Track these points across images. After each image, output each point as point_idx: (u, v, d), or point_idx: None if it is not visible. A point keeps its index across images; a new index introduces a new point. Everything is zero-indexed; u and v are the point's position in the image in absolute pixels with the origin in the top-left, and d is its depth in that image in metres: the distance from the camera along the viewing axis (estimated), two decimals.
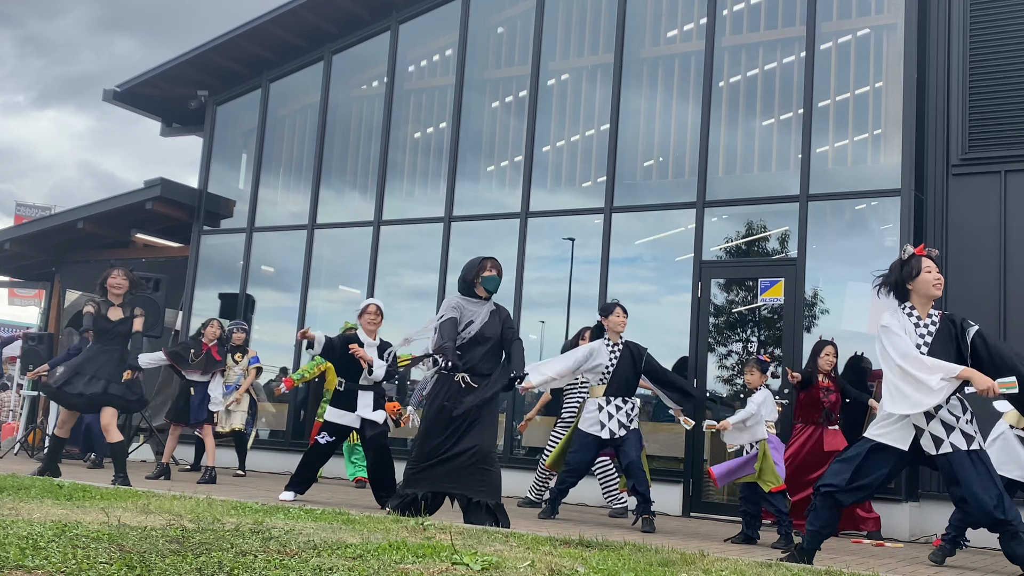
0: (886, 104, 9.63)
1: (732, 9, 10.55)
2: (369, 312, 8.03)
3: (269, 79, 13.49)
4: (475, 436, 6.27)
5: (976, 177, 9.18)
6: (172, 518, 4.50)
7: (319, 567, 3.26)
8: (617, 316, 7.93)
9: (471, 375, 6.33)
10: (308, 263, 12.64)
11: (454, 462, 6.26)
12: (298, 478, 7.91)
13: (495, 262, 6.64)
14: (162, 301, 11.88)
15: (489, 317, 6.50)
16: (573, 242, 11.04)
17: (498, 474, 6.33)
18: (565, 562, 3.79)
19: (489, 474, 6.26)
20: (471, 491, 6.22)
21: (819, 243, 9.64)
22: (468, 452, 6.24)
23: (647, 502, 7.62)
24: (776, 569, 4.27)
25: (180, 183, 13.57)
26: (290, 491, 7.83)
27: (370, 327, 8.01)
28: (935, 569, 6.18)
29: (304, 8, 12.46)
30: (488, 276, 6.57)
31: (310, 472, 7.97)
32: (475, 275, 6.59)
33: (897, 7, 9.66)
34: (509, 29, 12.12)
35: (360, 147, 12.92)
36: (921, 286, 5.28)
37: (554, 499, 8.02)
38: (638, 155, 10.90)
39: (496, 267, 6.62)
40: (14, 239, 14.29)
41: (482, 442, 6.28)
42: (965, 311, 8.99)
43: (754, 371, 7.41)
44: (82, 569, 3.00)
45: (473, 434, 6.27)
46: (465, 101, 11.99)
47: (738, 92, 10.41)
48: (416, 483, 6.36)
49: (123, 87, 13.64)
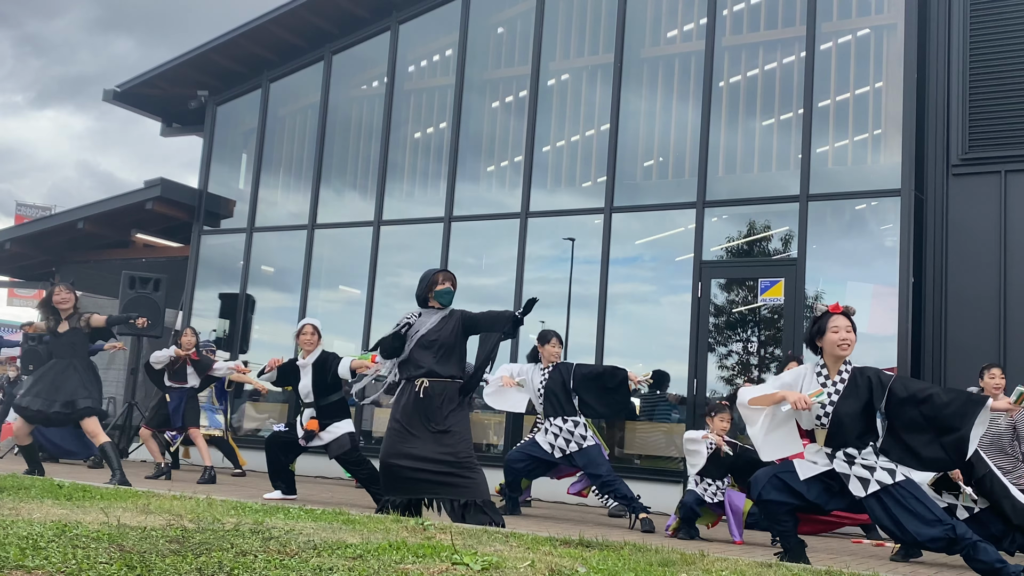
0: (886, 104, 9.64)
1: (732, 9, 10.55)
2: (304, 333, 8.12)
3: (269, 79, 13.49)
4: (448, 445, 6.30)
5: (976, 177, 9.18)
6: (172, 518, 4.50)
7: (319, 567, 3.26)
8: (552, 347, 8.11)
9: (429, 377, 6.39)
10: (308, 263, 12.64)
11: (429, 470, 6.26)
12: (271, 475, 8.03)
13: (448, 274, 6.71)
14: (162, 301, 11.89)
15: (437, 323, 6.53)
16: (573, 242, 11.04)
17: (480, 476, 6.29)
18: (565, 562, 3.79)
19: (469, 479, 6.25)
20: (456, 494, 6.21)
21: (819, 243, 9.65)
22: (444, 461, 6.25)
23: (635, 501, 7.64)
24: (776, 569, 4.27)
25: (180, 183, 13.57)
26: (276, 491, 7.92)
27: (306, 347, 8.10)
28: (935, 569, 6.18)
29: (304, 8, 12.46)
30: (441, 290, 6.63)
31: (277, 466, 8.03)
32: (428, 289, 6.65)
33: (897, 7, 9.66)
34: (509, 29, 12.12)
35: (360, 147, 12.92)
36: (827, 346, 5.26)
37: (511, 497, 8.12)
38: (638, 155, 10.90)
39: (449, 279, 6.68)
40: (14, 239, 14.30)
41: (456, 450, 6.30)
42: (965, 311, 9.04)
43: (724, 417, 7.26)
44: (82, 569, 3.00)
45: (445, 443, 6.29)
46: (465, 101, 11.99)
47: (738, 92, 10.41)
48: (394, 490, 6.38)
49: (123, 87, 13.64)
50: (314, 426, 7.83)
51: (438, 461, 6.26)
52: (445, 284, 6.63)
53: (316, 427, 7.84)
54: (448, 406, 6.37)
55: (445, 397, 6.38)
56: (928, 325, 9.14)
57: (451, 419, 6.35)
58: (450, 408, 6.37)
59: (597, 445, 7.97)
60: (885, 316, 9.12)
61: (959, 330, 9.02)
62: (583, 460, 7.82)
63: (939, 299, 9.13)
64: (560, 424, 7.86)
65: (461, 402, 6.49)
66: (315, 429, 7.83)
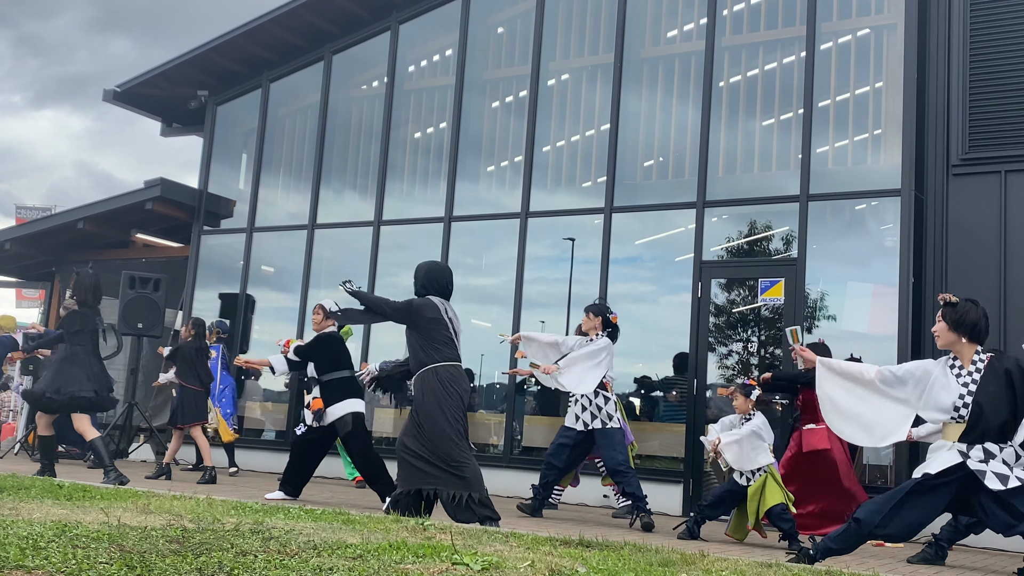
0: (886, 104, 9.63)
1: (732, 9, 10.55)
2: (315, 313, 8.44)
3: (269, 79, 13.49)
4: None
5: (976, 177, 9.18)
6: (172, 518, 4.50)
7: (319, 567, 3.26)
8: (590, 320, 8.24)
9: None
10: (308, 263, 12.64)
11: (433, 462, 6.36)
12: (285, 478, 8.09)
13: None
14: (162, 301, 11.89)
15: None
16: (573, 242, 11.04)
17: (473, 469, 6.35)
18: (565, 562, 3.79)
19: (459, 474, 6.30)
20: (450, 487, 6.27)
21: (819, 243, 9.64)
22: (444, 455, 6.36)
23: (642, 500, 7.65)
24: (776, 569, 4.27)
25: (180, 183, 13.57)
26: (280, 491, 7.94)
27: (315, 327, 8.44)
28: (935, 569, 6.18)
29: (304, 8, 12.46)
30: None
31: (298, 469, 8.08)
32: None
33: (897, 7, 9.65)
34: (509, 29, 12.12)
35: (360, 147, 12.92)
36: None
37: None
38: (638, 155, 10.90)
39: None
40: (14, 239, 14.30)
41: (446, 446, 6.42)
42: None
43: (738, 396, 7.31)
44: (82, 569, 3.00)
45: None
46: (465, 101, 11.98)
47: (738, 92, 10.41)
48: (407, 481, 6.45)
49: (123, 87, 13.63)
50: (319, 404, 7.93)
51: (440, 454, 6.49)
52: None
53: (321, 404, 7.93)
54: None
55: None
56: (928, 325, 9.11)
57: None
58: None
59: (621, 430, 8.01)
60: (885, 316, 9.12)
61: None
62: (603, 439, 7.87)
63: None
64: (591, 397, 7.90)
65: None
66: (320, 407, 7.93)
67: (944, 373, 5.16)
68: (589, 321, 8.23)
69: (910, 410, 5.26)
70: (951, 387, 5.09)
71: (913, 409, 5.23)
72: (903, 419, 5.28)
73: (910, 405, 5.24)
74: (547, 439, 10.65)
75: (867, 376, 5.32)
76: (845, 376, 5.41)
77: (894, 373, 5.28)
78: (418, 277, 6.92)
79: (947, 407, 5.07)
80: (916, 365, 5.29)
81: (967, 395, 5.04)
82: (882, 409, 5.27)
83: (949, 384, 5.10)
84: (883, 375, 5.28)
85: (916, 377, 5.19)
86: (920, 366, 5.27)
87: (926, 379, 5.17)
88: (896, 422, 5.27)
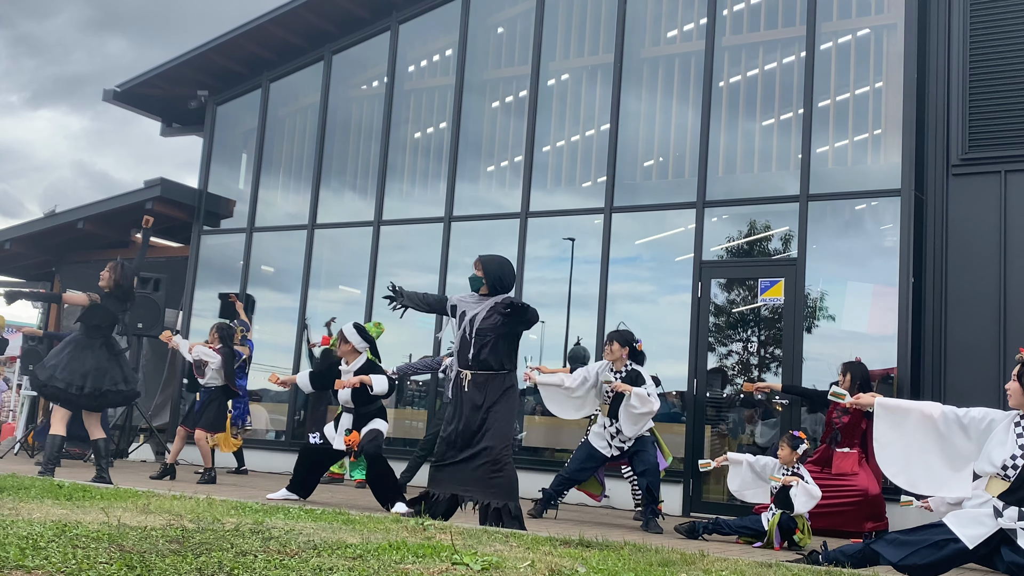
0: (886, 104, 9.63)
1: (732, 9, 10.55)
2: (343, 343, 7.96)
3: (269, 79, 13.49)
4: (489, 438, 6.19)
5: (976, 177, 9.18)
6: (172, 518, 4.50)
7: (319, 567, 3.26)
8: (614, 349, 7.96)
9: (474, 369, 6.27)
10: (308, 263, 12.64)
11: (469, 465, 6.18)
12: (294, 482, 7.99)
13: (478, 261, 6.49)
14: (162, 301, 11.89)
15: (487, 312, 6.33)
16: (573, 242, 11.04)
17: (510, 475, 6.20)
18: (565, 562, 3.79)
19: (499, 477, 6.15)
20: (484, 495, 6.13)
21: (819, 243, 9.64)
22: (481, 454, 6.16)
23: (657, 502, 7.77)
24: (776, 569, 4.27)
25: (180, 183, 13.57)
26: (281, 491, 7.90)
27: (346, 357, 7.95)
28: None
29: (304, 8, 12.46)
30: (471, 276, 6.50)
31: (304, 477, 7.99)
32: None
33: (897, 7, 9.66)
34: (509, 29, 12.12)
35: (360, 147, 12.92)
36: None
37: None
38: (638, 155, 10.90)
39: (476, 265, 6.48)
40: (14, 239, 14.29)
41: (494, 443, 6.19)
42: (965, 311, 9.03)
43: (784, 447, 7.12)
44: (82, 569, 3.00)
45: (487, 435, 6.19)
46: (465, 101, 11.99)
47: (738, 92, 10.41)
48: (437, 483, 6.32)
49: (123, 87, 13.63)
50: (354, 440, 7.70)
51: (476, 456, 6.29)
52: (474, 271, 6.47)
53: (357, 439, 7.70)
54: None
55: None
56: (928, 325, 9.13)
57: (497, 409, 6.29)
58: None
59: (652, 439, 7.97)
60: (885, 316, 9.12)
61: (959, 330, 9.01)
62: (638, 446, 7.84)
63: (939, 299, 9.13)
64: (619, 426, 7.84)
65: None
66: (354, 444, 7.71)
67: (1006, 430, 5.03)
68: (614, 352, 7.92)
69: (968, 466, 5.09)
70: (1007, 444, 4.97)
71: (971, 463, 5.07)
72: (959, 472, 5.10)
73: (969, 459, 5.08)
74: (547, 439, 10.66)
75: (928, 412, 5.15)
76: (901, 413, 5.23)
77: (959, 419, 5.11)
78: (506, 275, 6.43)
79: (997, 463, 4.98)
80: (982, 415, 5.10)
81: (1019, 456, 4.93)
82: (940, 455, 5.11)
83: (1007, 441, 4.99)
84: (947, 417, 5.11)
85: (980, 430, 5.03)
86: (985, 418, 5.09)
87: (988, 432, 5.05)
88: (949, 474, 5.10)
